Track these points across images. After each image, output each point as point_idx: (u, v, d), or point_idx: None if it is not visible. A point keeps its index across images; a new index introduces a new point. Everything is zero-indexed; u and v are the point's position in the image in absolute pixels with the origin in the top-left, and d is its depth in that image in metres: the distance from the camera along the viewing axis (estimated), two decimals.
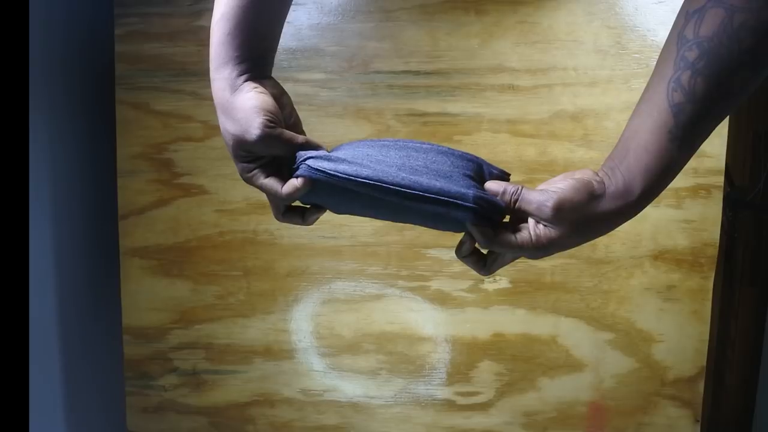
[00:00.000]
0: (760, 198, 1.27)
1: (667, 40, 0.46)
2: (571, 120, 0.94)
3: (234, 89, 0.51)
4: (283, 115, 0.53)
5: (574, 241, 0.50)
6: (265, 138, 0.49)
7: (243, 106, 0.50)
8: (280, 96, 0.53)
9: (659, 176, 0.47)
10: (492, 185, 0.51)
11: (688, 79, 0.44)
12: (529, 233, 0.50)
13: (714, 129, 0.47)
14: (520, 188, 0.50)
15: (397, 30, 0.97)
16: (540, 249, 0.50)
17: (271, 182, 0.52)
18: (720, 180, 0.93)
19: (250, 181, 0.53)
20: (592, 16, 0.93)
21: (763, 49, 0.41)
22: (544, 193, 0.49)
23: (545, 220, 0.49)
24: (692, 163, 0.93)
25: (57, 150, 1.04)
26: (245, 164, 0.52)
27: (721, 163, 0.92)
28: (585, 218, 0.48)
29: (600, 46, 0.93)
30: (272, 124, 0.50)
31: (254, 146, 0.50)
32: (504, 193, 0.50)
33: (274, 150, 0.51)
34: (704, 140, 0.48)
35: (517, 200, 0.50)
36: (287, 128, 0.52)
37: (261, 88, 0.51)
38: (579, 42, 0.93)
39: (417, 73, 0.97)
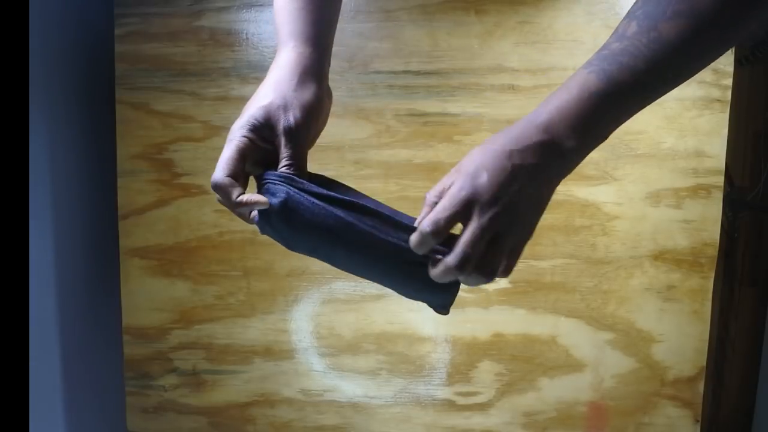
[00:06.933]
0: (760, 198, 1.27)
1: None
2: None
3: (304, 73, 0.52)
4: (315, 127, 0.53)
5: (510, 176, 0.45)
6: (291, 131, 0.50)
7: (299, 93, 0.51)
8: (325, 112, 0.54)
9: (568, 98, 0.45)
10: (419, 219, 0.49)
11: (623, 25, 0.44)
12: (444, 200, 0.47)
13: (643, 76, 0.44)
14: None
15: (397, 30, 0.97)
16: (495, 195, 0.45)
17: (233, 155, 0.50)
18: (720, 180, 0.93)
19: (231, 135, 0.50)
20: (592, 16, 0.93)
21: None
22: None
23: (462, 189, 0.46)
24: (692, 163, 0.93)
25: (57, 150, 1.04)
26: (249, 126, 0.50)
27: (721, 163, 0.92)
28: (486, 146, 0.46)
29: (600, 46, 0.93)
30: (306, 127, 0.50)
31: (276, 125, 0.50)
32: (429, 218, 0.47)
33: (285, 145, 0.50)
34: (628, 80, 0.44)
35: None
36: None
37: (322, 96, 0.52)
38: (579, 42, 0.93)
39: (417, 73, 0.97)
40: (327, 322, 1.03)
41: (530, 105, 0.94)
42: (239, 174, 0.51)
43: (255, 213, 0.51)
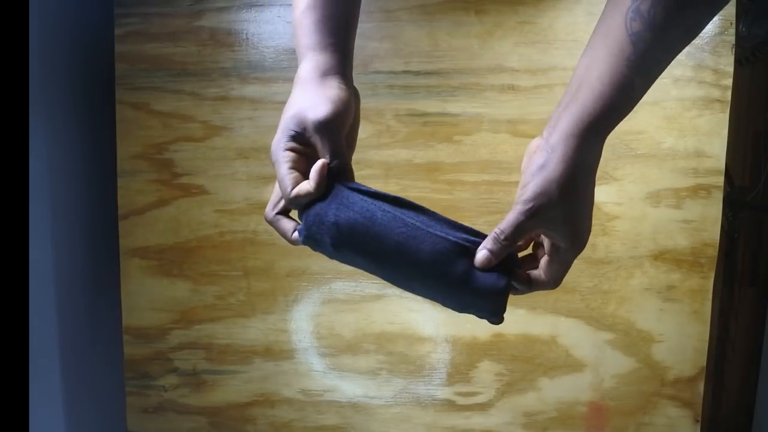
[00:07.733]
0: (760, 198, 1.27)
1: None
2: None
3: (324, 74, 0.53)
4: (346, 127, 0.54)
5: (577, 203, 0.49)
6: (322, 125, 0.50)
7: (322, 91, 0.52)
8: (355, 110, 0.55)
9: (616, 103, 0.45)
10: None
11: (647, 9, 0.43)
12: (551, 246, 0.49)
13: (670, 63, 0.46)
14: (498, 231, 0.50)
15: (397, 30, 0.97)
16: (574, 236, 0.49)
17: (288, 172, 0.51)
18: (720, 180, 0.92)
19: (275, 155, 0.51)
20: (592, 16, 0.93)
21: None
22: (513, 211, 0.49)
23: (542, 223, 0.49)
24: (692, 163, 0.93)
25: (57, 150, 1.04)
26: (286, 138, 0.51)
27: (721, 163, 0.92)
28: (559, 180, 0.48)
29: None
30: (338, 119, 0.51)
31: (308, 126, 0.50)
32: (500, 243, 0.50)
33: (322, 141, 0.51)
34: (660, 72, 0.46)
35: (506, 235, 0.50)
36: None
37: (348, 92, 0.53)
38: (579, 42, 0.93)
39: (417, 73, 0.97)
40: (327, 322, 1.03)
41: (530, 105, 0.94)
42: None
43: (297, 233, 0.52)
